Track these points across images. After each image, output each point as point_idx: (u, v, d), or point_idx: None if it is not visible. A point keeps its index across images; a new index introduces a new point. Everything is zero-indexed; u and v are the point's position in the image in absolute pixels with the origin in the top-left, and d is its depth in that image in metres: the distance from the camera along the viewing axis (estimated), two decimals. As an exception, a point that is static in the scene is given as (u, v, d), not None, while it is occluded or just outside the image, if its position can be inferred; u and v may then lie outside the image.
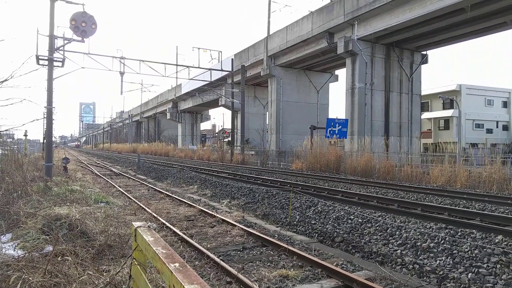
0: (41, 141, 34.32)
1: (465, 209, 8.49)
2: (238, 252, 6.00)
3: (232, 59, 32.21)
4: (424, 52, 26.77)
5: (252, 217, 9.25)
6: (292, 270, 5.07)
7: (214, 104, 47.88)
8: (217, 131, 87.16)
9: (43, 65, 14.00)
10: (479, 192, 11.99)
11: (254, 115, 40.77)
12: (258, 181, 14.69)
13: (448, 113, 39.68)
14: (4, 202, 6.24)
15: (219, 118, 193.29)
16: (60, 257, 4.11)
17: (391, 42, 24.58)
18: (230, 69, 30.05)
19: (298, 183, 13.67)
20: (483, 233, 6.39)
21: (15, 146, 18.24)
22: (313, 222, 8.47)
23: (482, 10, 19.00)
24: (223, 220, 8.13)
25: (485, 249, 5.70)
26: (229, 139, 40.10)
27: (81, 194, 9.51)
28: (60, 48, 15.21)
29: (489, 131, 41.78)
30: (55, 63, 14.27)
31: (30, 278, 3.40)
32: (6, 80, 6.81)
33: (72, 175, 16.78)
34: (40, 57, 14.14)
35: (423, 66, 26.94)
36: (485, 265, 5.35)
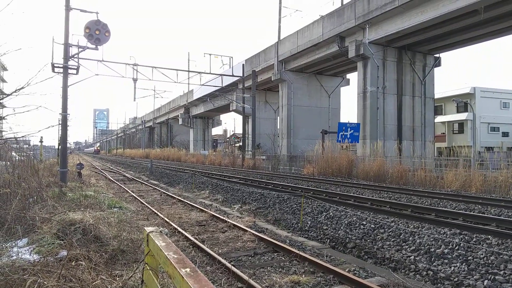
0: (56, 147, 34.94)
1: (481, 214, 8.33)
2: (250, 258, 5.99)
3: (243, 64, 32.36)
4: (437, 55, 26.45)
5: (263, 222, 9.24)
6: (303, 276, 5.05)
7: (225, 109, 48.12)
8: (228, 136, 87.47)
9: (58, 72, 14.32)
10: (495, 197, 11.73)
11: (265, 120, 40.79)
12: (269, 186, 14.67)
13: (462, 116, 39.04)
14: (20, 207, 6.37)
15: (230, 123, 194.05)
16: (74, 261, 4.18)
17: (403, 45, 24.37)
18: (241, 75, 30.18)
19: (310, 188, 13.60)
20: (499, 239, 6.26)
21: (31, 152, 18.62)
22: (324, 228, 8.41)
23: (496, 11, 18.72)
24: (234, 225, 8.14)
25: (501, 256, 5.58)
26: (240, 144, 40.18)
27: (95, 199, 9.64)
28: (75, 56, 15.53)
29: (505, 134, 40.90)
30: (69, 71, 14.58)
31: (45, 283, 3.47)
32: (22, 88, 6.99)
33: (86, 180, 17.03)
34: (55, 65, 14.47)
35: (436, 69, 26.62)
36: (501, 272, 5.23)
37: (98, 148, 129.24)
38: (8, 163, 9.78)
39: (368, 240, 7.28)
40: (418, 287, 4.77)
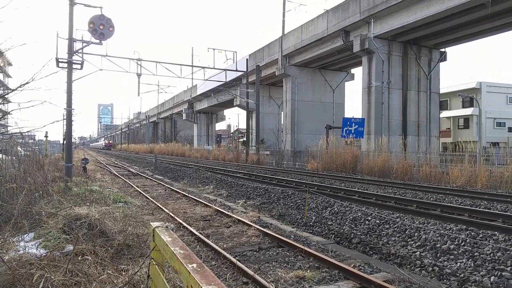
0: (61, 142, 35.12)
1: (487, 210, 8.28)
2: (254, 253, 6.00)
3: (247, 59, 32.24)
4: (443, 50, 26.20)
5: (268, 217, 9.24)
6: (308, 271, 5.04)
7: (229, 104, 48.06)
8: (232, 131, 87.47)
9: (63, 67, 14.33)
10: (501, 192, 11.66)
11: (269, 115, 40.72)
12: (274, 181, 14.67)
13: (467, 111, 38.71)
14: (26, 202, 6.40)
15: (234, 118, 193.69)
16: (80, 256, 4.20)
17: (408, 40, 24.16)
18: (245, 69, 30.08)
19: (314, 183, 13.59)
20: (506, 235, 6.21)
21: (37, 147, 18.74)
22: (329, 223, 8.40)
23: (504, 4, 18.46)
24: (239, 220, 8.15)
25: (508, 252, 5.54)
26: (244, 139, 40.17)
27: (100, 194, 9.68)
28: (79, 51, 15.52)
29: (511, 129, 40.55)
30: (74, 66, 14.58)
31: (52, 277, 3.49)
32: (27, 82, 7.00)
33: (91, 175, 17.11)
34: (60, 60, 14.48)
35: (441, 64, 26.38)
36: (508, 268, 5.20)
37: (110, 142, 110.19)
38: (14, 158, 9.84)
39: (373, 236, 7.27)
40: (424, 283, 4.74)
